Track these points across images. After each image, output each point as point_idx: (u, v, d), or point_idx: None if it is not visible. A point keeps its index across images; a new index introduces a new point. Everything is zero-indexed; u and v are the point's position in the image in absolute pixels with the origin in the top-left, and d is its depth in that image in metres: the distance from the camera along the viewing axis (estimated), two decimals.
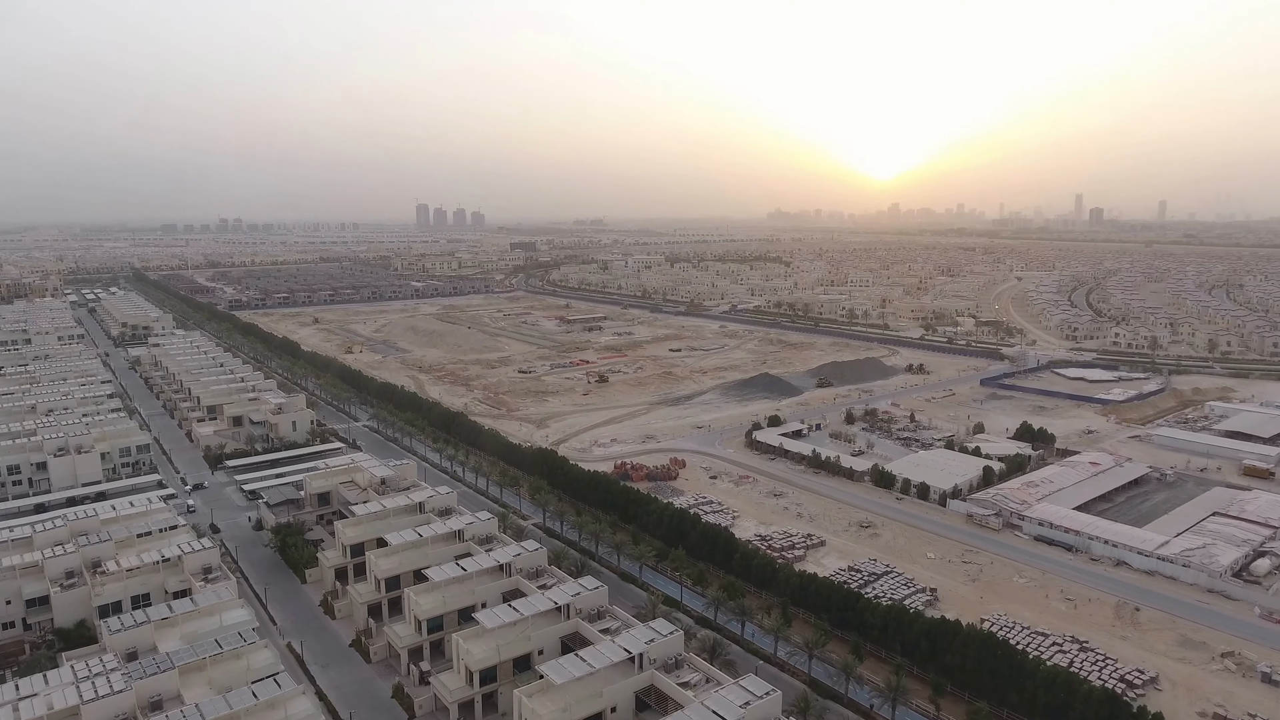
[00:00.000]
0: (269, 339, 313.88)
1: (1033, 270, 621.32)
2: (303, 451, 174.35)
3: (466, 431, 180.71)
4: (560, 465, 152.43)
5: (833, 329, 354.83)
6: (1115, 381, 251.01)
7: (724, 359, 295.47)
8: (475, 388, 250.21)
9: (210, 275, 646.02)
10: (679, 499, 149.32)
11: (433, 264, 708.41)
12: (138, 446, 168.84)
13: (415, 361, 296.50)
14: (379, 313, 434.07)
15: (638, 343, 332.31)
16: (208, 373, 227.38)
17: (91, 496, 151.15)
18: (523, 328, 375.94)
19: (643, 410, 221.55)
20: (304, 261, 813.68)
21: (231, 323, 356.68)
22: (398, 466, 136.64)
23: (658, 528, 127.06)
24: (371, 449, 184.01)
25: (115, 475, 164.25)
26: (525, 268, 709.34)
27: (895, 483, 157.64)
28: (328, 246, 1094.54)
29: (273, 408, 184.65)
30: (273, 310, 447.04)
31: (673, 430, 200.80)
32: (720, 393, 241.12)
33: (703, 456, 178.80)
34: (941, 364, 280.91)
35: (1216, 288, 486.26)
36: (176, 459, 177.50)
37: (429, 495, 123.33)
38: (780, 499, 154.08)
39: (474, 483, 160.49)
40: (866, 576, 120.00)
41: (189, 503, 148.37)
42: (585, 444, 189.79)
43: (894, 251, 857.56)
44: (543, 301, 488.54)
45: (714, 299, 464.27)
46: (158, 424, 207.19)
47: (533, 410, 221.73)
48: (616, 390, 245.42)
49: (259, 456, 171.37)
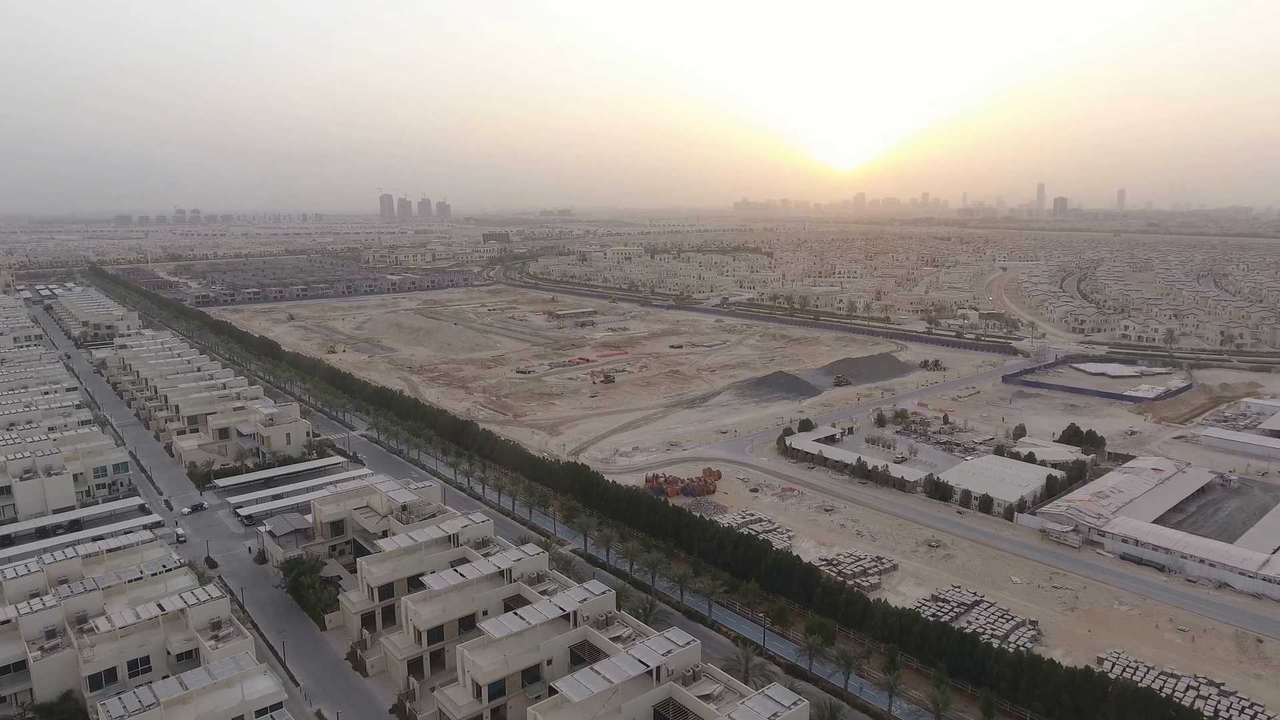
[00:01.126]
0: (245, 338, 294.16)
1: (1015, 260, 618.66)
2: (300, 467, 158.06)
3: (480, 442, 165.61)
4: (595, 482, 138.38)
5: (833, 323, 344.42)
6: (1138, 377, 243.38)
7: (729, 356, 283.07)
8: (474, 390, 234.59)
9: (172, 269, 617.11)
10: (724, 516, 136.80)
11: (405, 256, 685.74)
12: (114, 465, 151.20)
13: (404, 361, 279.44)
14: (357, 308, 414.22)
15: (635, 339, 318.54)
16: (185, 378, 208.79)
17: (64, 526, 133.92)
18: (511, 323, 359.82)
19: (658, 414, 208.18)
20: (269, 254, 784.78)
21: (202, 321, 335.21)
22: (420, 489, 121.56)
23: (718, 555, 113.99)
24: (375, 463, 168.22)
25: (90, 499, 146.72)
26: (501, 260, 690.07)
27: (953, 494, 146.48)
28: (292, 238, 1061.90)
29: (263, 418, 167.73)
30: (243, 306, 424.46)
31: (696, 436, 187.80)
32: (735, 393, 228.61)
33: (736, 466, 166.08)
34: (955, 359, 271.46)
35: (1203, 276, 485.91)
36: (158, 477, 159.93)
37: (463, 525, 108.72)
38: (833, 514, 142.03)
39: (496, 501, 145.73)
40: (956, 607, 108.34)
41: (178, 531, 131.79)
42: (606, 453, 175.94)
43: (873, 242, 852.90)
44: (526, 295, 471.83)
45: (702, 292, 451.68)
46: (132, 436, 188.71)
47: (541, 415, 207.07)
48: (625, 391, 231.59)
49: (252, 474, 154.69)
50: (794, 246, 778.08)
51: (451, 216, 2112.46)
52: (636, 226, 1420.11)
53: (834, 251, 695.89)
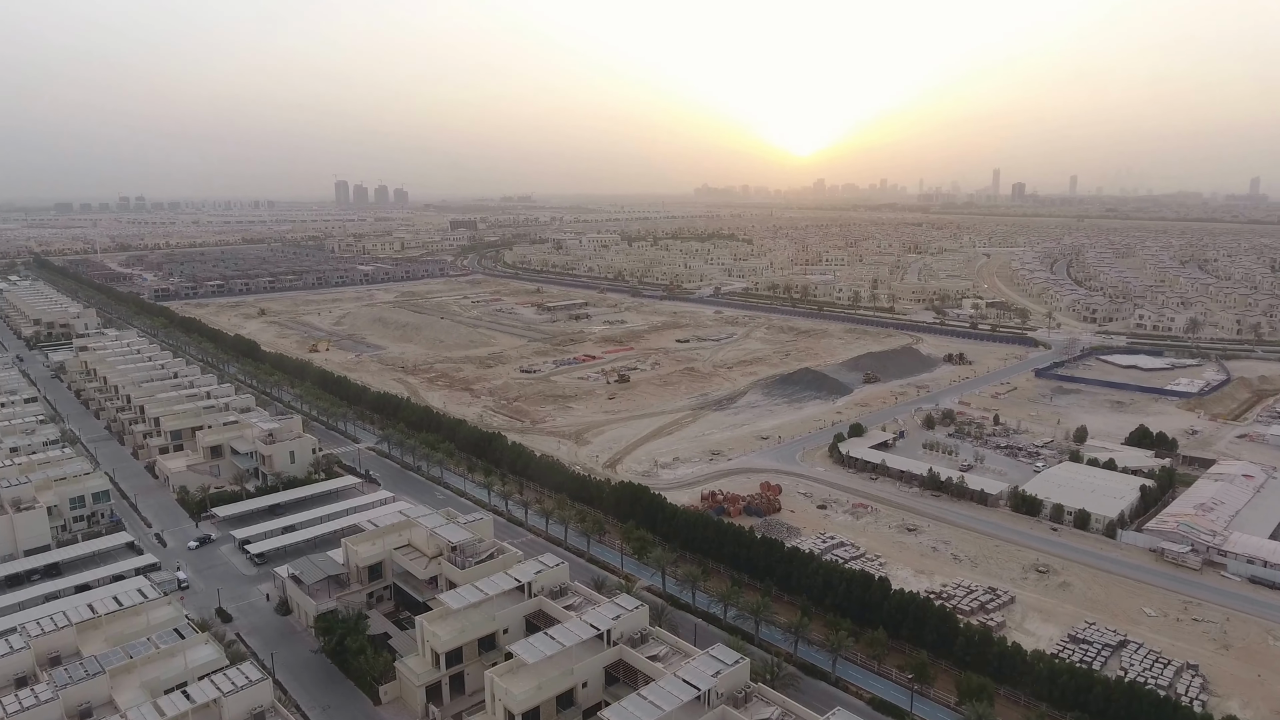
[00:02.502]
0: (218, 337, 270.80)
1: (995, 246, 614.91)
2: (310, 491, 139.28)
3: (510, 458, 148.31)
4: (657, 506, 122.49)
5: (838, 314, 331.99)
6: (1170, 369, 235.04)
7: (741, 350, 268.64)
8: (479, 393, 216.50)
9: (124, 260, 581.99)
10: (802, 541, 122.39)
11: (373, 245, 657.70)
12: (94, 494, 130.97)
13: (395, 360, 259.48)
14: (331, 301, 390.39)
15: (636, 332, 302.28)
16: (162, 385, 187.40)
17: (40, 572, 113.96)
18: (500, 317, 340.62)
19: (686, 417, 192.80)
20: (225, 243, 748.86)
21: (166, 317, 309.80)
22: (471, 523, 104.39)
23: (824, 593, 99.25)
24: (390, 482, 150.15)
25: (67, 534, 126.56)
26: (475, 248, 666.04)
27: (1041, 509, 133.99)
28: (247, 226, 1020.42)
29: (262, 434, 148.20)
30: (207, 300, 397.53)
31: (736, 443, 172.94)
32: (763, 392, 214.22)
33: (793, 478, 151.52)
34: (977, 352, 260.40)
35: (1187, 262, 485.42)
36: (144, 505, 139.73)
37: (536, 570, 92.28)
38: (918, 535, 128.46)
39: (543, 529, 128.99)
40: (1099, 649, 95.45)
41: (179, 575, 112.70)
42: (645, 465, 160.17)
43: (848, 229, 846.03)
44: (508, 285, 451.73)
45: (692, 281, 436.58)
46: (106, 455, 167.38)
47: (561, 421, 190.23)
48: (643, 392, 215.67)
49: (254, 500, 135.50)
50: (770, 233, 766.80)
51: (410, 203, 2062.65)
52: (602, 212, 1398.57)
53: (813, 239, 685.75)
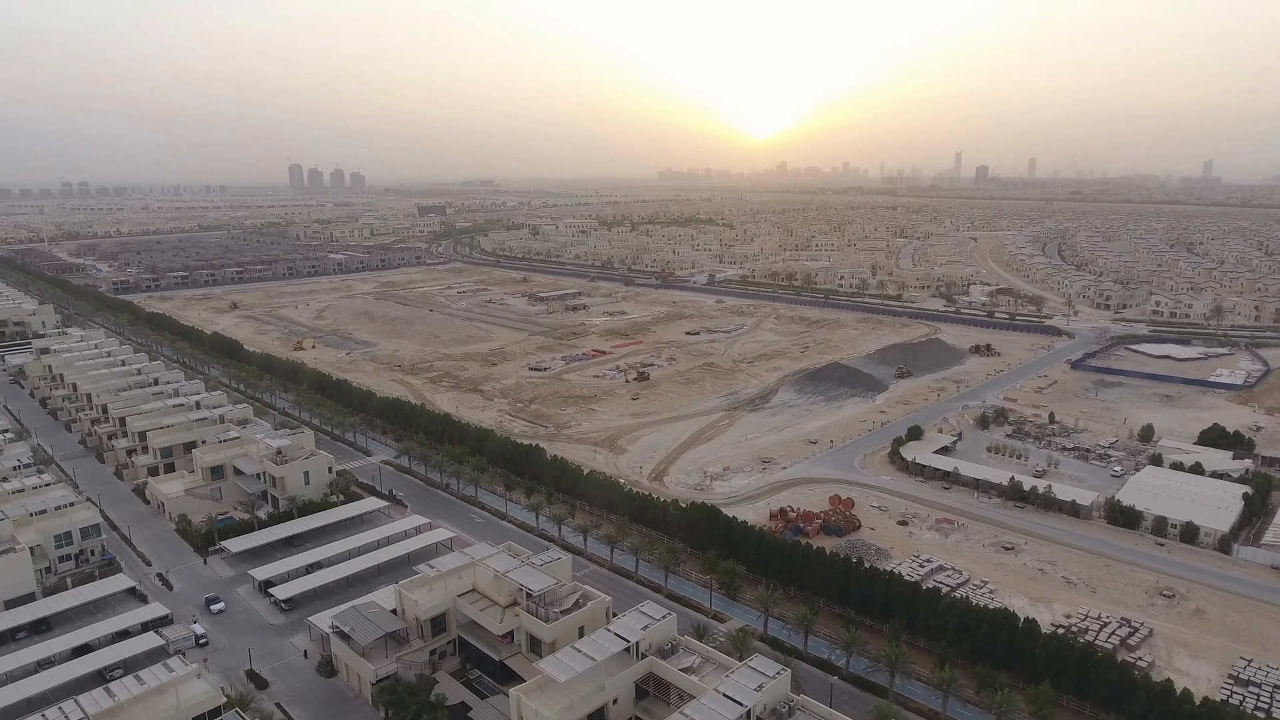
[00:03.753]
0: (193, 335, 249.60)
1: (980, 230, 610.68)
2: (332, 518, 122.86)
3: (552, 473, 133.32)
4: (736, 532, 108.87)
5: (845, 302, 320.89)
6: (1204, 359, 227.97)
7: (757, 343, 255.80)
8: (490, 394, 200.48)
9: (74, 249, 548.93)
10: (896, 565, 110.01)
11: (341, 232, 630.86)
12: (82, 529, 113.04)
13: (390, 358, 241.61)
14: (307, 293, 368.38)
15: (639, 324, 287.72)
16: (143, 394, 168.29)
17: (26, 630, 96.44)
18: (492, 308, 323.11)
19: (722, 419, 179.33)
20: (181, 230, 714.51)
21: (132, 313, 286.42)
22: (548, 565, 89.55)
23: (960, 636, 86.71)
24: (419, 503, 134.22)
25: (52, 577, 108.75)
26: (448, 235, 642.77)
27: (1141, 521, 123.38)
28: (201, 212, 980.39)
29: (270, 452, 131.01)
30: (172, 293, 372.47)
31: (784, 449, 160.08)
32: (794, 390, 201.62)
33: (859, 489, 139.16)
34: (1002, 343, 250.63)
35: (1174, 245, 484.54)
36: (139, 538, 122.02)
37: (643, 625, 78.12)
38: (1016, 554, 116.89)
39: (607, 559, 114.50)
40: (1270, 691, 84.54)
41: (195, 630, 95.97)
42: (694, 476, 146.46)
43: (826, 212, 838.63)
44: (491, 274, 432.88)
45: (684, 269, 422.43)
46: (85, 475, 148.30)
47: (588, 426, 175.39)
48: (667, 391, 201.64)
49: (269, 530, 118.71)
50: (749, 217, 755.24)
51: (368, 187, 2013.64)
52: (568, 196, 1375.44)
53: (796, 223, 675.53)
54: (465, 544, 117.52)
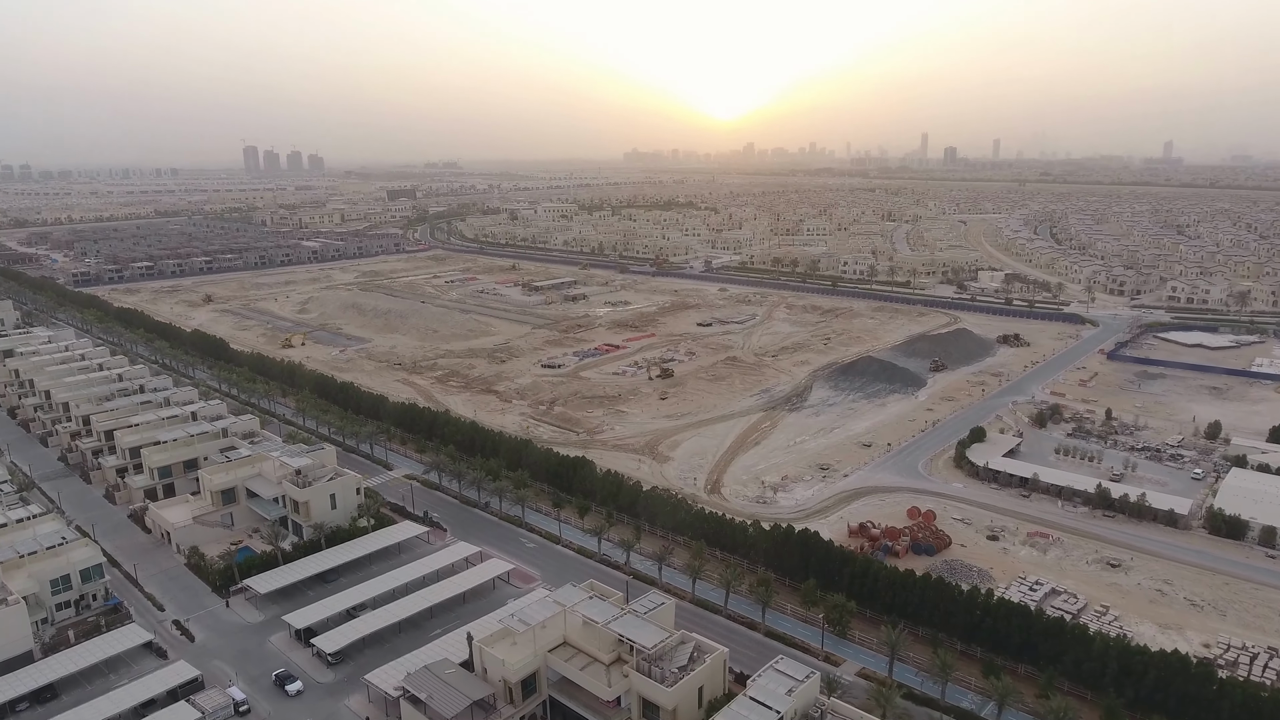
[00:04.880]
0: (170, 333, 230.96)
1: (966, 213, 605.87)
2: (368, 548, 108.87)
3: (605, 489, 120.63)
4: (838, 560, 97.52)
5: (853, 289, 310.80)
6: (1235, 347, 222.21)
7: (774, 335, 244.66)
8: (506, 396, 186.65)
9: (24, 237, 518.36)
10: (1004, 588, 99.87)
11: (311, 218, 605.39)
12: (83, 571, 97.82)
13: (387, 355, 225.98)
14: (284, 284, 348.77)
15: (645, 315, 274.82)
16: (129, 404, 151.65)
17: (27, 700, 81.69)
18: (486, 299, 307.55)
19: (762, 421, 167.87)
20: (137, 216, 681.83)
21: (99, 309, 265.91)
22: (653, 613, 77.16)
23: (1121, 682, 76.48)
24: (456, 525, 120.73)
25: (51, 629, 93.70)
26: (422, 220, 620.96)
27: (1246, 531, 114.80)
28: (155, 197, 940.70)
29: (288, 472, 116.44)
30: (137, 284, 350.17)
31: (838, 453, 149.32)
32: (829, 386, 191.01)
33: (933, 498, 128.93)
34: (1028, 332, 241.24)
35: (1164, 228, 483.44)
36: (145, 576, 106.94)
37: (786, 690, 66.39)
38: (1125, 572, 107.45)
39: (689, 592, 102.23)
40: None
41: (234, 695, 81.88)
42: (751, 486, 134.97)
43: (807, 194, 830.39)
44: (476, 261, 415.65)
45: (678, 255, 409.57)
46: (70, 498, 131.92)
47: (621, 430, 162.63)
48: (696, 389, 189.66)
49: (299, 566, 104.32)
50: (730, 200, 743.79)
51: (327, 170, 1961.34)
52: (537, 179, 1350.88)
53: (781, 206, 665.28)
54: (525, 577, 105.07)
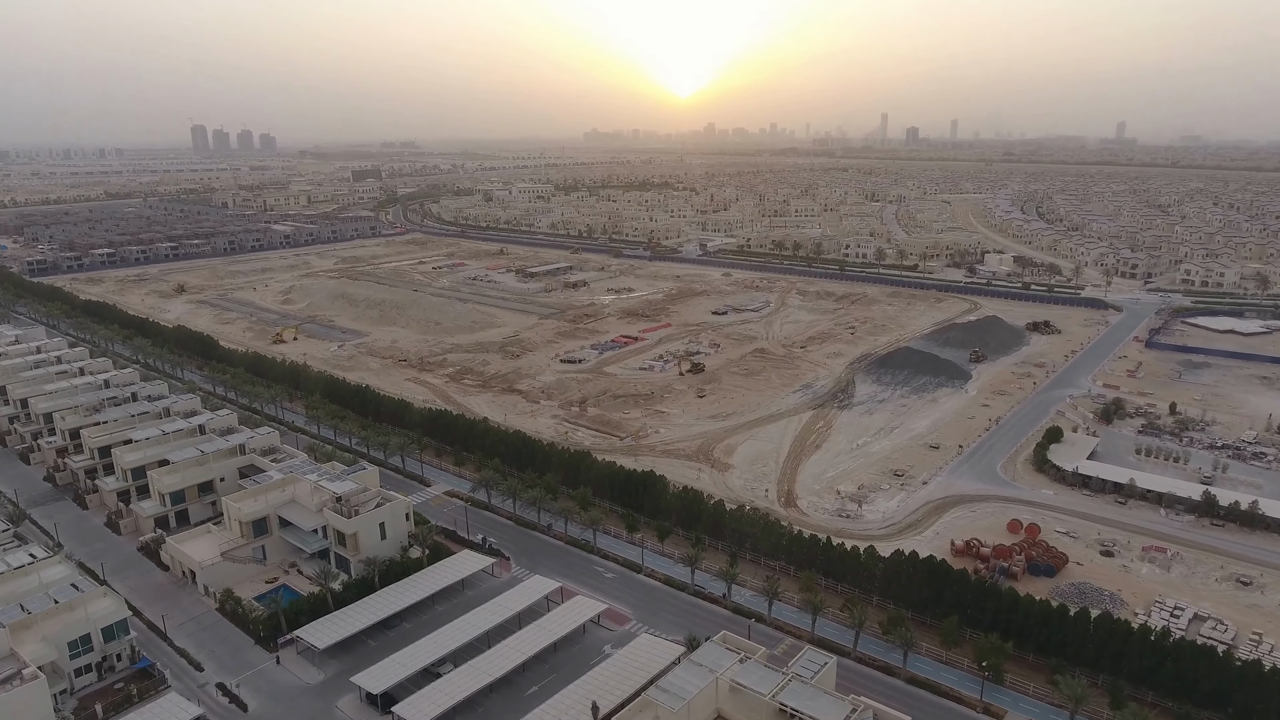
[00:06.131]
0: (149, 328, 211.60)
1: (947, 194, 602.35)
2: (429, 585, 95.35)
3: (682, 509, 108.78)
4: (975, 592, 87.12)
5: (861, 274, 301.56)
6: (1268, 333, 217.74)
7: (794, 323, 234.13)
8: (532, 395, 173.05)
9: None
10: (1143, 615, 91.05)
11: (275, 200, 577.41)
12: (105, 629, 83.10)
13: (390, 351, 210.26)
14: (261, 272, 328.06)
15: (654, 303, 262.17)
16: (121, 415, 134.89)
17: None
18: (480, 287, 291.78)
19: (815, 421, 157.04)
20: (86, 199, 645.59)
21: (65, 301, 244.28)
22: (820, 674, 65.60)
23: None
24: (522, 554, 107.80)
25: (72, 700, 79.06)
26: (394, 202, 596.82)
27: None
28: (102, 178, 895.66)
29: (330, 499, 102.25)
30: (99, 273, 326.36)
31: (906, 456, 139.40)
32: (872, 380, 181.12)
33: (1025, 508, 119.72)
34: (1055, 318, 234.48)
35: (1148, 208, 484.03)
36: (172, 625, 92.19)
37: None
38: (1262, 592, 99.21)
39: (806, 628, 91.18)
40: None
41: None
42: (827, 497, 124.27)
43: (784, 175, 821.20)
44: (460, 246, 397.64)
45: (669, 237, 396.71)
46: (66, 527, 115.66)
47: (668, 435, 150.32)
48: (732, 385, 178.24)
49: (354, 612, 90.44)
50: (706, 180, 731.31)
51: (280, 150, 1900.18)
52: (500, 159, 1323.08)
53: (762, 186, 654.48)
54: (617, 617, 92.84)
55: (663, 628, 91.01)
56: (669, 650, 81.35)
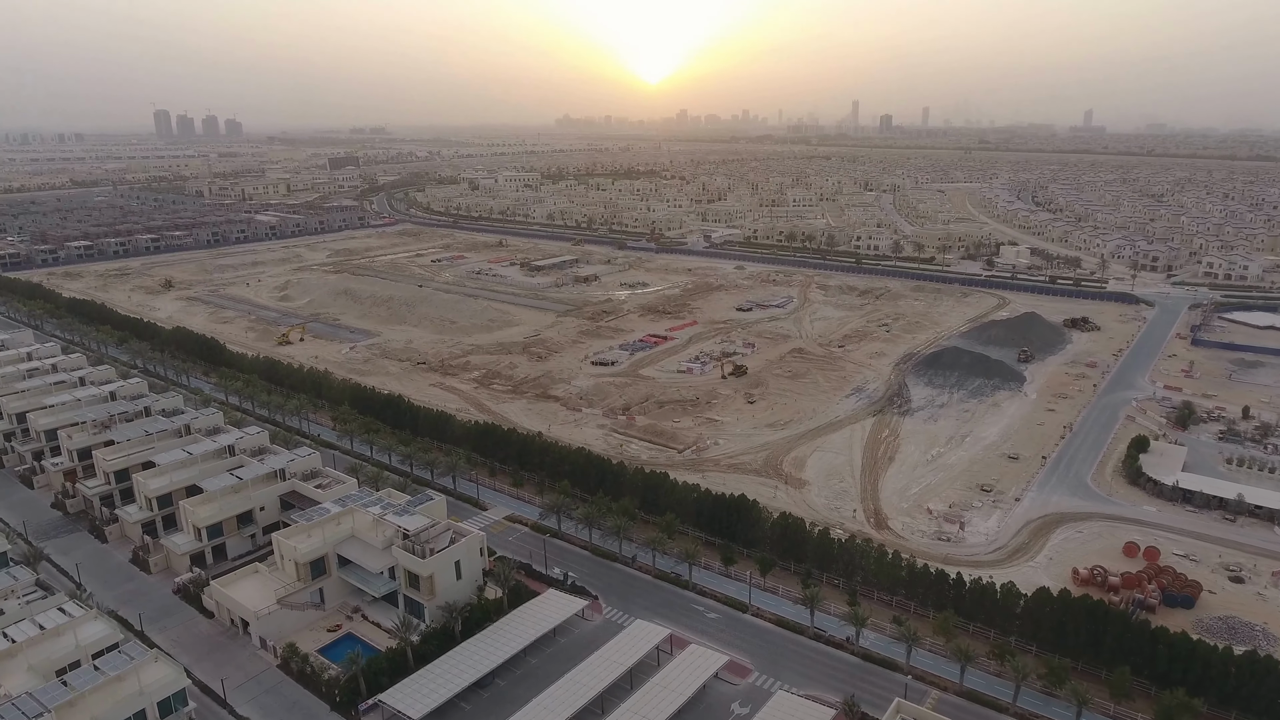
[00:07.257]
0: (145, 329, 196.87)
1: (938, 183, 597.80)
2: (520, 635, 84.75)
3: (785, 537, 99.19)
4: (1141, 637, 78.64)
5: (878, 267, 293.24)
6: None
7: (824, 320, 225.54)
8: (571, 404, 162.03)
9: None
10: None
11: (253, 189, 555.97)
12: (160, 702, 71.41)
13: (406, 353, 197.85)
14: (250, 265, 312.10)
15: (672, 299, 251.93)
16: (135, 432, 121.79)
17: None
18: (486, 281, 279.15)
19: (879, 429, 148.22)
20: (51, 187, 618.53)
21: (47, 300, 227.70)
22: None
23: None
24: (605, 590, 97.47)
25: None
26: (377, 190, 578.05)
27: None
28: (65, 165, 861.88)
29: (395, 534, 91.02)
30: (77, 267, 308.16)
31: (988, 468, 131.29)
32: (923, 382, 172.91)
33: (1133, 527, 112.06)
34: (1087, 313, 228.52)
35: (1144, 197, 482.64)
36: (232, 691, 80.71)
37: None
38: None
39: (954, 679, 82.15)
40: None
41: None
42: (920, 518, 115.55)
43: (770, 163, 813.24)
44: (455, 237, 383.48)
45: (671, 228, 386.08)
46: (83, 561, 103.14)
47: (728, 446, 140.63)
48: (780, 389, 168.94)
49: (443, 667, 79.71)
50: (695, 168, 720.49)
51: (247, 136, 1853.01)
52: (476, 146, 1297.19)
53: (753, 175, 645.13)
54: (737, 669, 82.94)
55: (789, 679, 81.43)
56: (818, 715, 71.77)
